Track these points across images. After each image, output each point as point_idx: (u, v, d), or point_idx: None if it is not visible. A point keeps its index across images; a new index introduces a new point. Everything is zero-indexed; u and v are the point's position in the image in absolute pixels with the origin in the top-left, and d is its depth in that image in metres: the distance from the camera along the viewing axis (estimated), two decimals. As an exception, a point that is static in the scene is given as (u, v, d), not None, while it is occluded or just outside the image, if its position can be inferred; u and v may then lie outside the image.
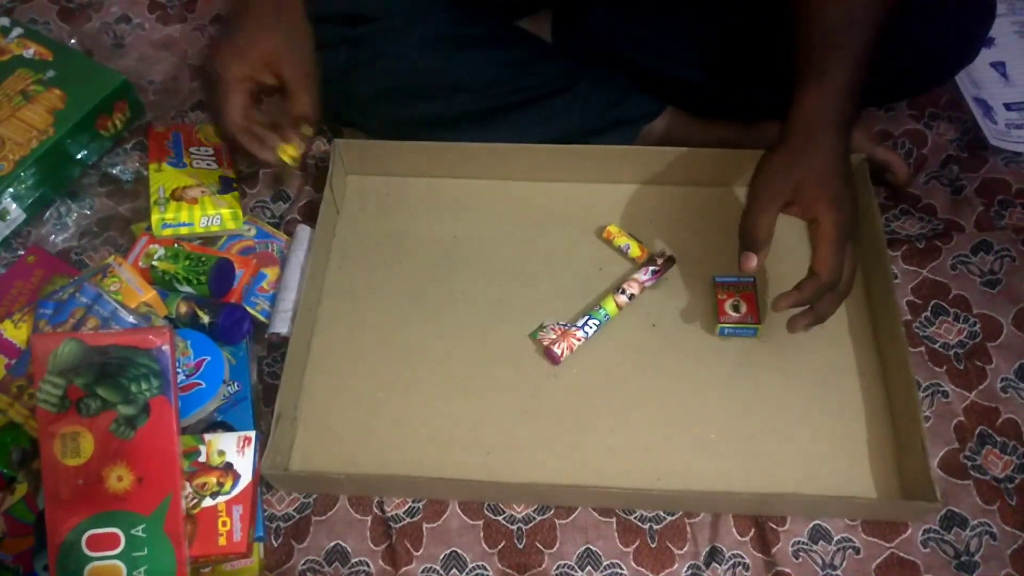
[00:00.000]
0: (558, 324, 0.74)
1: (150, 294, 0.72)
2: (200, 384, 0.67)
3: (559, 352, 0.72)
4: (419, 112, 0.80)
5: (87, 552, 0.55)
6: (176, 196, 0.79)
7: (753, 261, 0.65)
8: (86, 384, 0.57)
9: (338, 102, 0.81)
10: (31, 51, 0.89)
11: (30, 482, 0.63)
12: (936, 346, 0.74)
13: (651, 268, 0.76)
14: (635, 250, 0.78)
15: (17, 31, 0.90)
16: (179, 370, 0.66)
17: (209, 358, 0.69)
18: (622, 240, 0.78)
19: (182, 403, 0.63)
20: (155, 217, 0.77)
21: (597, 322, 0.73)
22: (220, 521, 0.59)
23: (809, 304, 0.64)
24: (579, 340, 0.73)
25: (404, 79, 0.78)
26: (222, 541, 0.59)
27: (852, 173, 0.65)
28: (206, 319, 0.71)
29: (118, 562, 0.55)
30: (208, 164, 0.83)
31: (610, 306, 0.74)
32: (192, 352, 0.69)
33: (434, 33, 0.77)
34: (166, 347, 0.59)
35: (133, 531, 0.55)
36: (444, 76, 0.78)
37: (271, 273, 0.79)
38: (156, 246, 0.77)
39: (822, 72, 0.62)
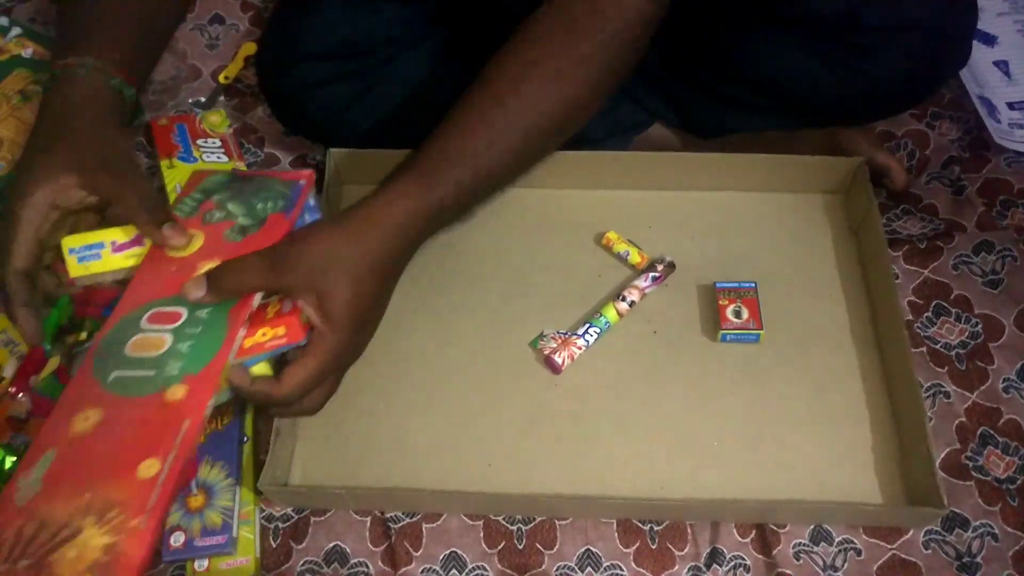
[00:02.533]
0: (558, 333, 0.73)
1: None
2: None
3: (560, 361, 0.71)
4: (421, 136, 0.80)
5: (142, 324, 0.53)
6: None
7: (201, 291, 0.52)
8: (221, 200, 0.60)
9: (340, 137, 0.80)
10: (30, 51, 0.88)
11: (63, 356, 0.59)
12: (938, 346, 0.74)
13: (651, 274, 0.75)
14: (635, 256, 0.77)
15: (16, 31, 0.90)
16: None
17: None
18: (621, 246, 0.78)
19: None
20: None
21: (598, 330, 0.73)
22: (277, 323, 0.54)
23: None
24: (580, 348, 0.72)
25: (402, 106, 0.78)
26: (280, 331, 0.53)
27: (384, 289, 0.56)
28: None
29: (167, 335, 0.52)
30: (219, 157, 0.82)
31: (611, 313, 0.74)
32: None
33: (427, 57, 0.77)
34: (303, 183, 0.60)
35: (197, 312, 0.53)
36: (441, 99, 0.78)
37: None
38: None
39: (422, 176, 0.55)
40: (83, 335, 0.57)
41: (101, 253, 0.58)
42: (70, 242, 0.57)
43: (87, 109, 0.58)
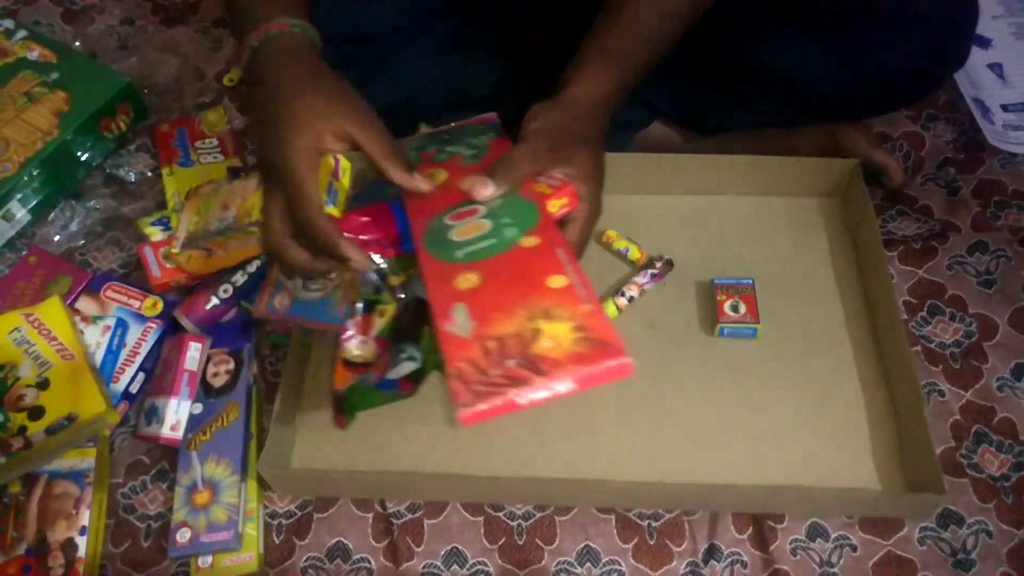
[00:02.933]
0: None
1: None
2: None
3: None
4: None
5: (450, 222, 0.57)
6: (190, 198, 0.79)
7: (489, 189, 0.57)
8: (437, 147, 0.65)
9: None
10: (35, 53, 0.89)
11: (394, 299, 0.63)
12: (932, 345, 0.75)
13: (650, 271, 0.76)
14: (634, 253, 0.78)
15: (21, 33, 0.91)
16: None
17: None
18: (621, 243, 0.79)
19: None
20: (174, 224, 0.78)
21: None
22: None
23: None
24: None
25: (407, 94, 0.78)
26: (564, 201, 0.60)
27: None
28: None
29: (481, 220, 0.56)
30: (215, 157, 0.83)
31: (610, 309, 0.75)
32: None
33: (433, 46, 0.77)
34: (495, 119, 0.68)
35: (491, 203, 0.58)
36: (447, 89, 0.78)
37: None
38: None
39: (607, 62, 0.63)
40: (400, 278, 0.62)
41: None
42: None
43: (317, 64, 0.60)
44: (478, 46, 0.80)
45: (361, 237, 0.61)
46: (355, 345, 0.63)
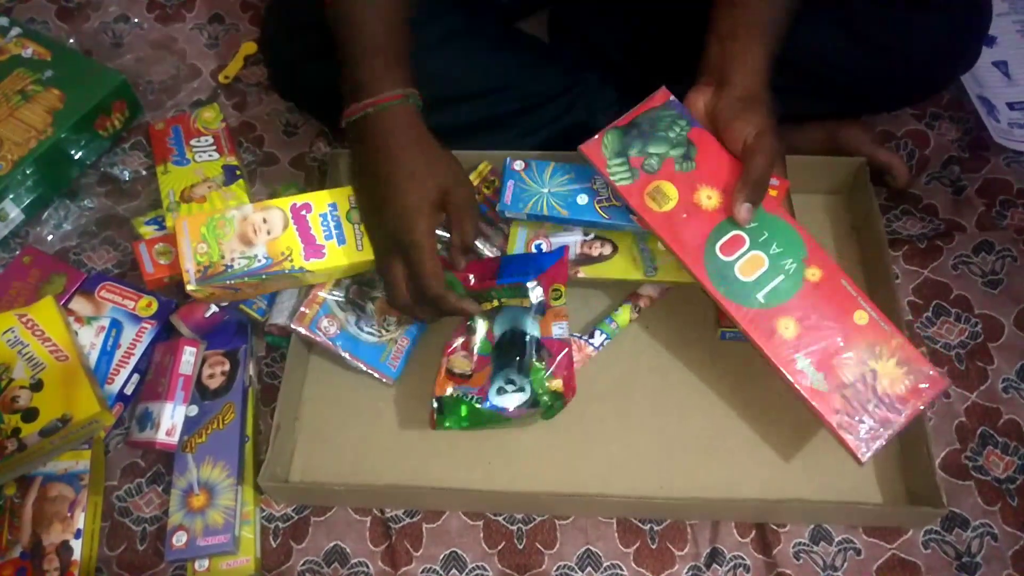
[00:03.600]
0: (572, 336, 0.73)
1: None
2: None
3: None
4: (427, 123, 0.80)
5: (725, 258, 0.63)
6: (185, 197, 0.79)
7: (753, 213, 0.62)
8: (638, 151, 0.66)
9: (338, 111, 0.80)
10: (29, 51, 0.88)
11: (488, 321, 0.69)
12: (937, 346, 0.74)
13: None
14: None
15: (15, 31, 0.90)
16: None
17: None
18: None
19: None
20: (169, 224, 0.77)
21: (606, 336, 0.73)
22: None
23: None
24: (591, 355, 0.73)
25: None
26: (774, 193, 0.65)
27: None
28: None
29: (754, 252, 0.63)
30: (210, 155, 0.82)
31: (623, 319, 0.74)
32: None
33: (437, 39, 0.76)
34: (672, 98, 0.66)
35: (746, 225, 0.63)
36: (449, 84, 0.77)
37: None
38: None
39: (750, 39, 0.62)
40: (495, 303, 0.69)
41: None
42: None
43: (427, 137, 0.64)
44: (485, 39, 0.79)
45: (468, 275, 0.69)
46: (461, 357, 0.68)
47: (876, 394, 0.59)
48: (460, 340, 0.69)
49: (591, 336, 0.73)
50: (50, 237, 0.84)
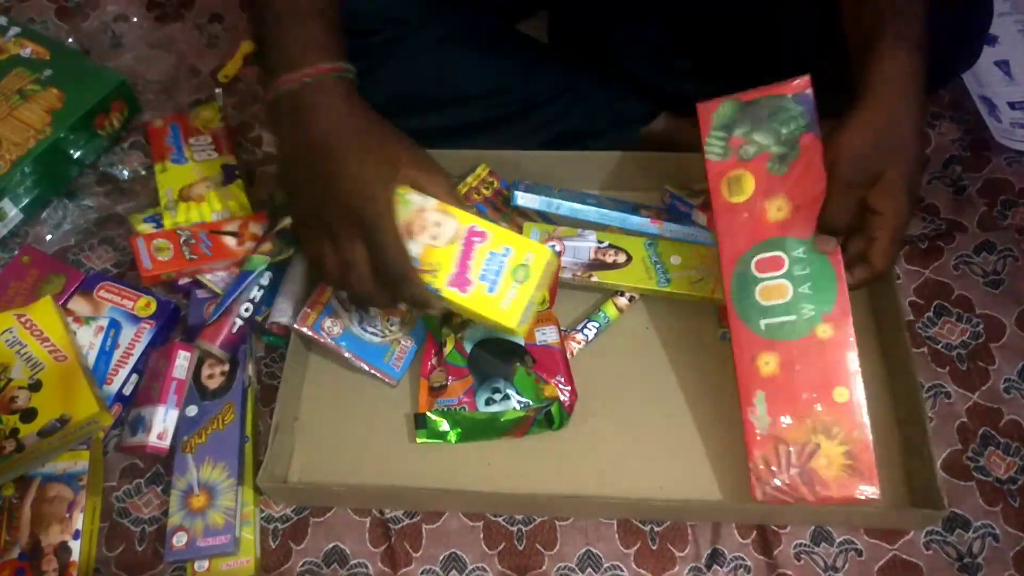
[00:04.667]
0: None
1: None
2: None
3: None
4: (424, 124, 0.79)
5: (756, 274, 0.62)
6: (183, 196, 0.79)
7: (833, 243, 0.60)
8: (744, 133, 0.63)
9: None
10: (28, 50, 0.88)
11: (455, 332, 0.70)
12: (939, 347, 0.74)
13: None
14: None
15: (15, 30, 0.90)
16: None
17: None
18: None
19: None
20: (168, 223, 0.77)
21: (597, 325, 0.73)
22: None
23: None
24: (579, 343, 0.72)
25: (408, 90, 0.77)
26: None
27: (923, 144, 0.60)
28: None
29: (784, 281, 0.61)
30: (208, 154, 0.82)
31: (610, 310, 0.74)
32: None
33: (437, 41, 0.76)
34: (807, 92, 0.62)
35: (795, 253, 0.61)
36: (449, 86, 0.77)
37: None
38: None
39: (897, 25, 0.55)
40: (462, 318, 0.68)
41: None
42: None
43: (370, 110, 0.59)
44: (484, 40, 0.79)
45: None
46: (437, 372, 0.70)
47: (804, 465, 0.59)
48: (435, 358, 0.71)
49: (576, 326, 0.73)
50: (49, 237, 0.84)
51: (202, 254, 0.75)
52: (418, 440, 0.68)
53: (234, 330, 0.72)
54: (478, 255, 0.58)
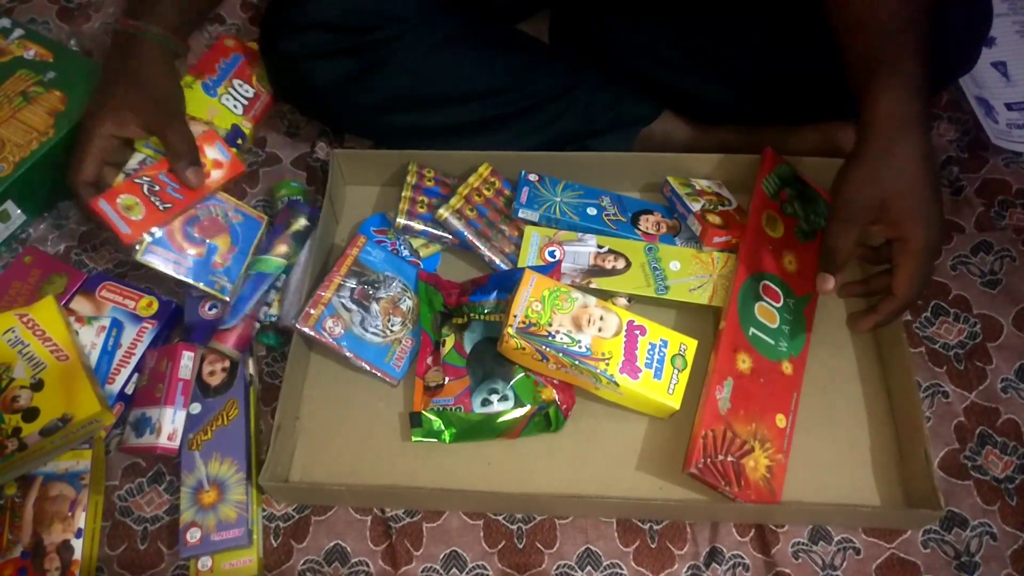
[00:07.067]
0: None
1: None
2: None
3: None
4: (424, 122, 0.80)
5: (760, 292, 0.71)
6: None
7: (831, 283, 0.64)
8: (791, 195, 0.76)
9: (339, 112, 0.80)
10: (31, 52, 0.88)
11: (455, 334, 0.72)
12: (936, 346, 0.74)
13: None
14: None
15: (18, 32, 0.90)
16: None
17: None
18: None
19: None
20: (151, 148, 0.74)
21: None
22: None
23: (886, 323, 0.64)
24: None
25: (408, 88, 0.77)
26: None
27: (938, 175, 0.62)
28: None
29: (776, 312, 0.71)
30: (235, 106, 0.82)
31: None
32: None
33: (438, 40, 0.76)
34: None
35: (789, 301, 0.72)
36: (449, 85, 0.77)
37: (222, 244, 0.74)
38: None
39: (892, 65, 0.57)
40: (464, 319, 0.72)
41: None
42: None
43: (149, 64, 0.72)
44: (484, 40, 0.80)
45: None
46: (433, 371, 0.71)
47: (738, 459, 0.64)
48: (430, 357, 0.71)
49: None
50: (51, 237, 0.84)
51: (174, 199, 0.71)
52: (413, 439, 0.68)
53: (251, 332, 0.73)
54: (641, 346, 0.67)
